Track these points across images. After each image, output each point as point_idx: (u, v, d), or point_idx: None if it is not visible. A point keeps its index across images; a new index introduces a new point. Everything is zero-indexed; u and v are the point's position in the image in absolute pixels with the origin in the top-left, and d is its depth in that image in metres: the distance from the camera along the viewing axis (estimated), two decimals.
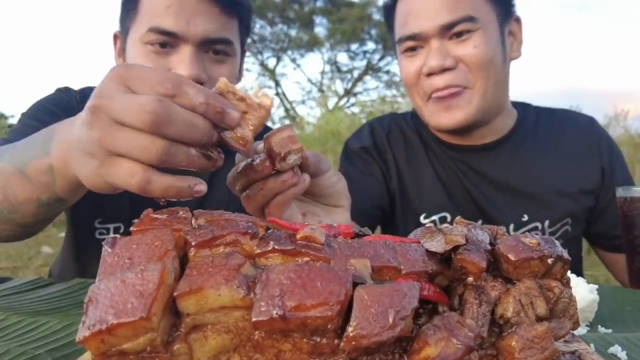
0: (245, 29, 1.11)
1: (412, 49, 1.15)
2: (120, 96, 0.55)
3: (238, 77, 1.12)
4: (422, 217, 1.24)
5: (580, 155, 1.24)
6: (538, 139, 1.26)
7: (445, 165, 1.25)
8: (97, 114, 0.56)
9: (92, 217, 1.12)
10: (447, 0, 1.09)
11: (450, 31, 1.09)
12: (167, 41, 0.96)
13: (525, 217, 1.20)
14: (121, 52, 1.07)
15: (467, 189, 1.23)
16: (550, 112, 1.33)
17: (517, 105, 1.32)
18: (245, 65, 1.22)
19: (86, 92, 1.16)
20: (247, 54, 1.37)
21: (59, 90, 1.16)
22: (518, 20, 1.21)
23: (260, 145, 0.69)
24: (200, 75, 0.97)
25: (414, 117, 1.33)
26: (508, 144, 1.24)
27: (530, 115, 1.30)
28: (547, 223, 1.20)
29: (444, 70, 1.09)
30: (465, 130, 1.19)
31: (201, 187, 0.60)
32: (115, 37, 1.09)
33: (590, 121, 1.31)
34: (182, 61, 0.96)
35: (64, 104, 1.10)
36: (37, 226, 0.82)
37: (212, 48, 1.00)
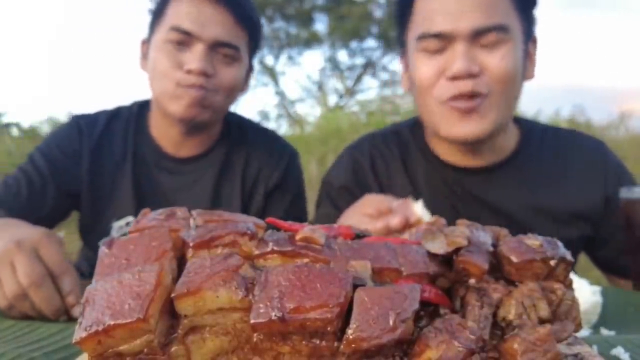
0: (254, 45, 1.24)
1: (435, 50, 1.06)
2: None
3: (243, 88, 1.27)
4: None
5: (583, 183, 1.17)
6: (542, 164, 1.19)
7: (436, 189, 1.18)
8: None
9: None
10: (481, 2, 1.02)
11: (480, 37, 1.03)
12: (184, 39, 1.12)
13: None
14: (145, 56, 1.23)
15: (459, 213, 1.14)
16: (556, 133, 1.24)
17: (521, 121, 1.24)
18: None
19: (99, 117, 1.28)
20: None
21: (72, 120, 1.28)
22: (535, 42, 1.16)
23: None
24: (208, 69, 1.12)
25: (400, 134, 1.26)
26: (509, 167, 1.18)
27: (535, 136, 1.22)
28: None
29: (469, 76, 1.02)
30: (475, 143, 1.11)
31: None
32: (143, 43, 1.26)
33: (598, 146, 1.23)
34: (195, 57, 1.11)
35: (67, 148, 1.22)
36: None
37: (221, 51, 1.15)
